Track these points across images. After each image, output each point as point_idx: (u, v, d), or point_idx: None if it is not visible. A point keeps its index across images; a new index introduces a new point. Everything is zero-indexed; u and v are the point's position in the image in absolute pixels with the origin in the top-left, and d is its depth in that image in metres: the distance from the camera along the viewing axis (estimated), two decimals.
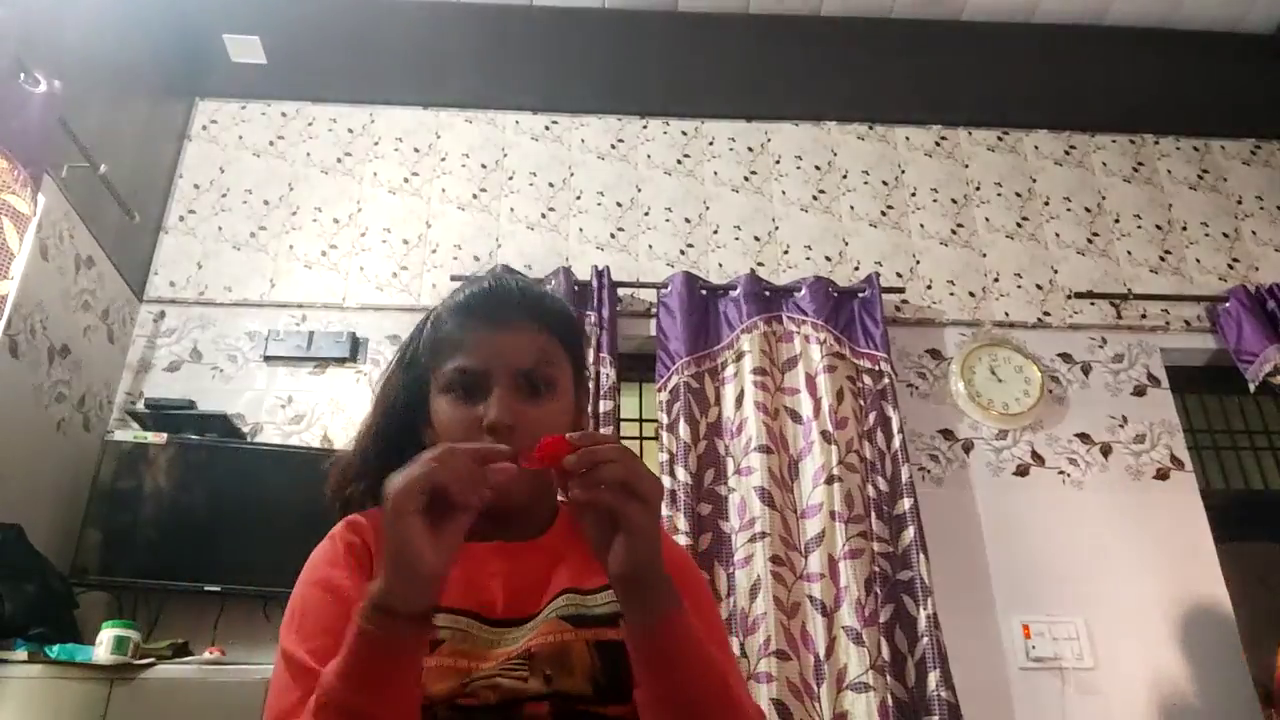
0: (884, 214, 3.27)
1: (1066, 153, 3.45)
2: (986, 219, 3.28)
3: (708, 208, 3.24)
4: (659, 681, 0.77)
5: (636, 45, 3.26)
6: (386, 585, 0.70)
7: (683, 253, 3.14)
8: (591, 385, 2.68)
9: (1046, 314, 3.10)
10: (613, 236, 3.16)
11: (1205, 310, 3.10)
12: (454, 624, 0.83)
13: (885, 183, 3.33)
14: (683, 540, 2.48)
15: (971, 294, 3.12)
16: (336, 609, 0.82)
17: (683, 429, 2.65)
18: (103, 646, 1.99)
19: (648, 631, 0.76)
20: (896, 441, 2.65)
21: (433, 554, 0.70)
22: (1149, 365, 3.01)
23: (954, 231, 3.25)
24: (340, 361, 2.86)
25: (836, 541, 2.49)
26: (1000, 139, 3.46)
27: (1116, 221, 3.30)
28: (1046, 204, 3.32)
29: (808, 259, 3.15)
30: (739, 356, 2.79)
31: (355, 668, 0.70)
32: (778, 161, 3.36)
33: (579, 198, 3.23)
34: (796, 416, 2.72)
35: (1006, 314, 3.09)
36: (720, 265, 3.11)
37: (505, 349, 0.89)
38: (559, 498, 0.97)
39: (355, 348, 2.89)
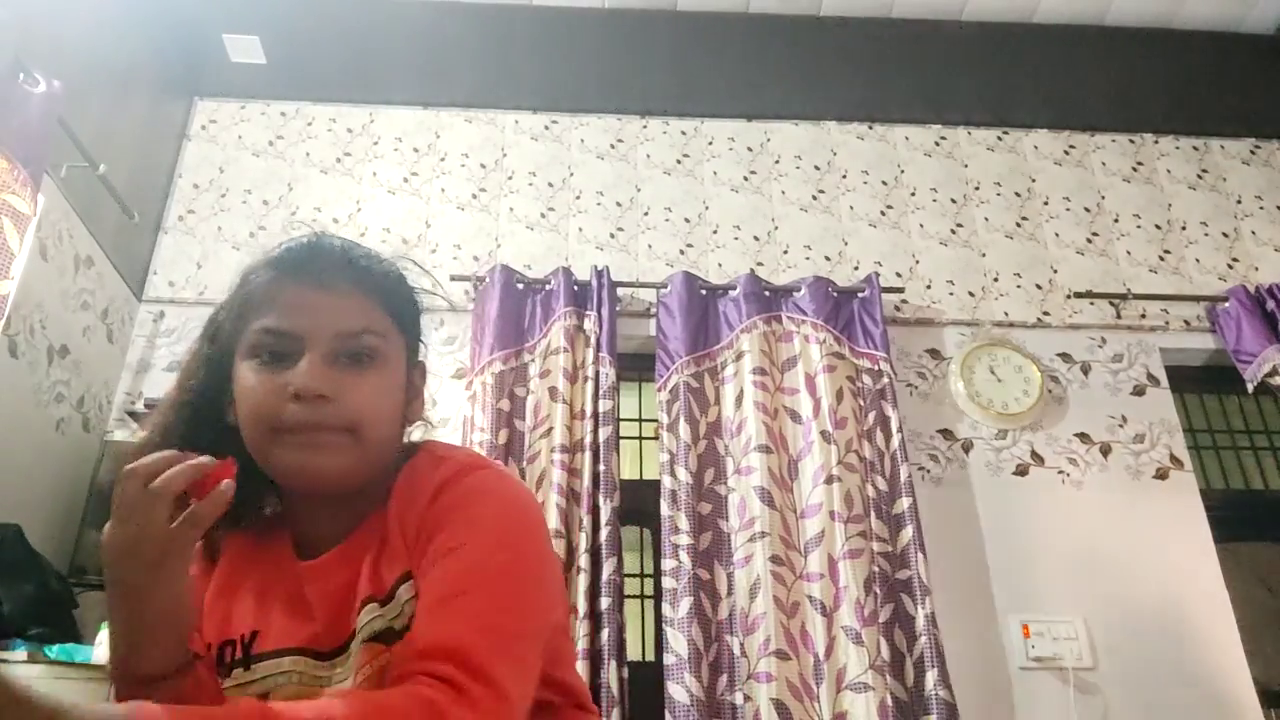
0: (883, 214, 3.27)
1: (1066, 153, 3.45)
2: (986, 219, 3.28)
3: (707, 208, 3.24)
4: None
5: (636, 45, 3.25)
6: (126, 646, 0.64)
7: (682, 253, 3.14)
8: (591, 385, 2.68)
9: (1046, 314, 3.10)
10: (612, 236, 3.16)
11: (1205, 310, 3.10)
12: (279, 668, 0.76)
13: (885, 183, 3.33)
14: (683, 540, 2.48)
15: (971, 294, 3.12)
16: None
17: (683, 429, 2.65)
18: (102, 646, 1.99)
19: None
20: (896, 441, 2.65)
21: (183, 601, 0.67)
22: (1148, 365, 3.01)
23: (953, 231, 3.25)
24: None
25: (836, 541, 2.49)
26: (1000, 139, 3.46)
27: (1116, 221, 3.30)
28: (1046, 204, 3.32)
29: (807, 259, 3.15)
30: (739, 356, 2.79)
31: None
32: (777, 161, 3.36)
33: (579, 198, 3.23)
34: (796, 416, 2.72)
35: (1006, 314, 3.09)
36: (720, 265, 3.11)
37: (322, 309, 0.78)
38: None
39: None
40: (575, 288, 2.86)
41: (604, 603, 2.35)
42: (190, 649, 0.72)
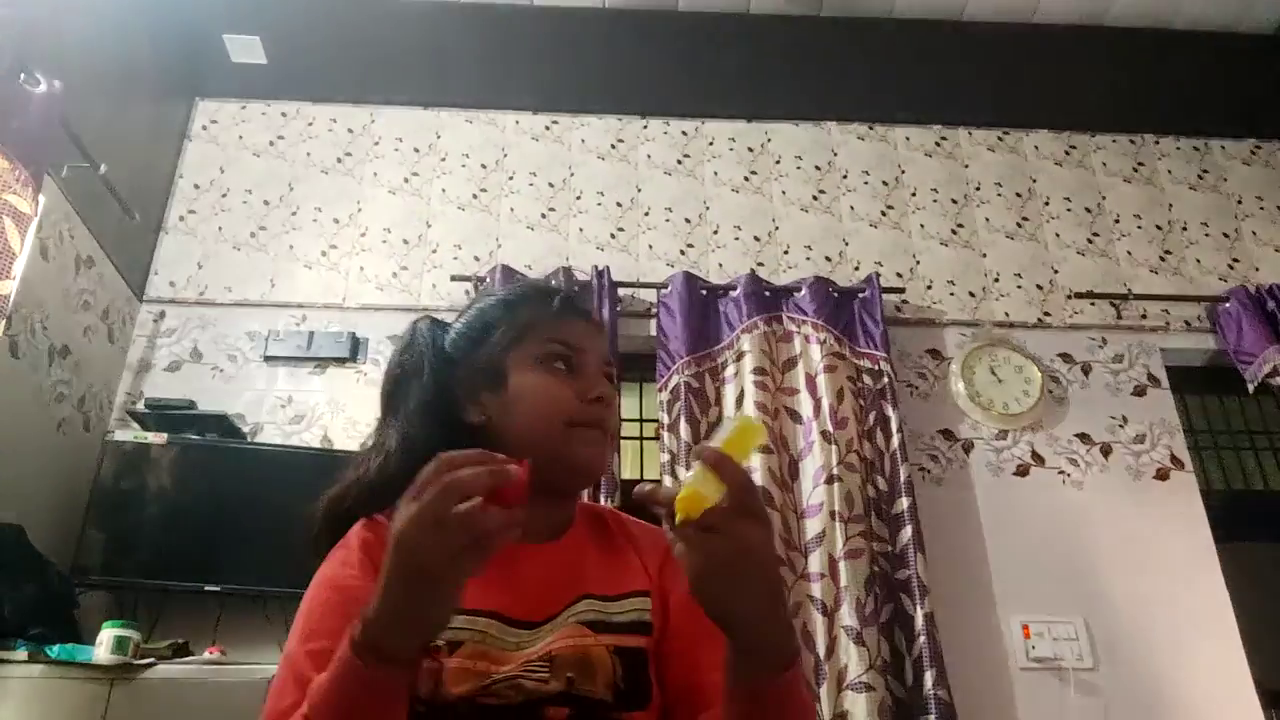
0: (884, 214, 3.27)
1: (1066, 153, 3.44)
2: (986, 219, 3.28)
3: (708, 208, 3.24)
4: None
5: (636, 45, 3.25)
6: (385, 630, 0.67)
7: (683, 253, 3.14)
8: None
9: (1046, 314, 3.09)
10: (613, 236, 3.16)
11: (1205, 310, 3.10)
12: (474, 625, 0.83)
13: (885, 183, 3.33)
14: None
15: (971, 294, 3.12)
16: (343, 610, 0.81)
17: (683, 429, 2.65)
18: (103, 646, 1.99)
19: (750, 691, 0.72)
20: (896, 441, 2.65)
21: (450, 611, 0.70)
22: (1149, 365, 3.01)
23: (954, 231, 3.25)
24: (340, 361, 2.86)
25: (836, 541, 2.49)
26: (1000, 139, 3.46)
27: (1116, 221, 3.30)
28: (1046, 204, 3.32)
29: (808, 259, 3.15)
30: (739, 356, 2.79)
31: (342, 700, 0.69)
32: (778, 161, 3.36)
33: (579, 198, 3.23)
34: (796, 416, 2.72)
35: (1006, 314, 3.09)
36: (720, 265, 3.11)
37: (596, 337, 0.98)
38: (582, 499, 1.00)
39: (355, 348, 2.89)
40: (576, 288, 2.85)
41: None
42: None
